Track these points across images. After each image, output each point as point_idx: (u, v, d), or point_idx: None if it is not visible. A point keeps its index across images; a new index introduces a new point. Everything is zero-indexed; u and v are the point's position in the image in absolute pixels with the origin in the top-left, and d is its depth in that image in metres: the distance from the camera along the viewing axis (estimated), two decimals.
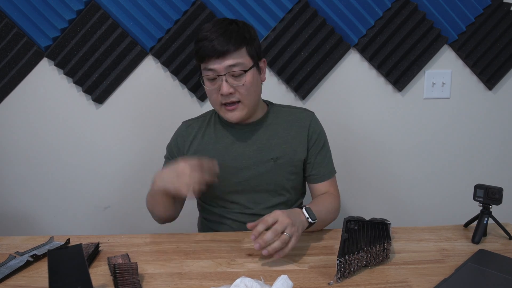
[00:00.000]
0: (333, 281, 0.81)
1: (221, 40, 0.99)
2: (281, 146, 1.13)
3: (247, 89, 1.03)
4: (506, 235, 1.01)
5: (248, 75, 1.03)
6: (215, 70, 1.01)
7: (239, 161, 1.13)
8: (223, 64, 1.00)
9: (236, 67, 1.01)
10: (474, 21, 1.57)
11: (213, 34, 1.00)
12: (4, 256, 0.92)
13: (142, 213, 1.67)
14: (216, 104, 1.07)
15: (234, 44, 1.00)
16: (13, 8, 1.47)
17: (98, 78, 1.54)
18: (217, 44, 0.99)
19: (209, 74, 1.02)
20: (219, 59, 1.00)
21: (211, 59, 1.00)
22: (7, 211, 1.67)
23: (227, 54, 0.99)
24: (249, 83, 1.03)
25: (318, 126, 1.17)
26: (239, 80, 1.02)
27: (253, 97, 1.07)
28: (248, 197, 1.15)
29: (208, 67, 1.02)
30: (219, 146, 1.14)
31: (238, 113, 1.06)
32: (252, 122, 1.14)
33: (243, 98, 1.04)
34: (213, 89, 1.04)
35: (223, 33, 1.00)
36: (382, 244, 0.86)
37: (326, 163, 1.17)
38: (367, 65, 1.60)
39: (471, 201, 1.04)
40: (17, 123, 1.59)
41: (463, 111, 1.66)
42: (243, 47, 1.02)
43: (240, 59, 1.01)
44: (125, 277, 0.79)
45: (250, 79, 1.04)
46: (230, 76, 1.02)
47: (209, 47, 0.99)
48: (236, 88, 1.03)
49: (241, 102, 1.05)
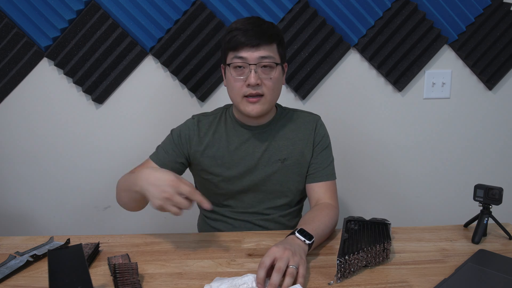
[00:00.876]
0: (333, 281, 0.81)
1: (256, 31, 1.01)
2: (288, 148, 1.13)
3: (273, 84, 1.04)
4: (506, 235, 1.01)
5: (276, 71, 1.05)
6: (246, 58, 1.01)
7: (247, 161, 1.13)
8: (255, 54, 1.01)
9: (267, 59, 1.02)
10: (474, 21, 1.57)
11: (248, 25, 1.02)
12: (4, 256, 0.92)
13: (142, 213, 1.67)
14: (238, 95, 1.05)
15: (269, 38, 1.02)
16: (13, 8, 1.47)
17: (98, 78, 1.54)
18: (252, 35, 1.00)
19: (238, 61, 1.02)
20: (252, 48, 1.01)
21: (244, 48, 1.01)
22: (7, 211, 1.67)
23: (261, 45, 1.01)
24: (276, 79, 1.05)
25: (323, 130, 1.18)
26: (268, 73, 1.03)
27: (275, 94, 1.08)
28: (253, 197, 1.16)
29: (239, 55, 1.02)
30: (229, 144, 1.13)
31: (260, 107, 1.05)
32: (263, 124, 1.14)
33: (268, 92, 1.05)
34: (239, 79, 1.04)
35: (259, 26, 1.02)
36: (382, 244, 0.86)
37: (326, 166, 1.15)
38: (367, 65, 1.60)
39: (471, 201, 1.04)
40: (17, 123, 1.59)
41: (463, 111, 1.66)
42: (275, 43, 1.04)
43: (272, 53, 1.03)
44: (125, 277, 0.79)
45: (277, 75, 1.05)
46: (260, 68, 1.02)
47: (245, 36, 1.00)
48: (263, 80, 1.03)
49: (264, 96, 1.05)
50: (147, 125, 1.62)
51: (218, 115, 1.18)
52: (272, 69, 1.04)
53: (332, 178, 1.16)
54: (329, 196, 1.13)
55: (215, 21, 1.52)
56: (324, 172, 1.14)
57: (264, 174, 1.13)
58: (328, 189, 1.14)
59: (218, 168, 1.14)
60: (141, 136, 1.62)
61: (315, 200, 1.13)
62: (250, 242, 1.00)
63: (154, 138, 1.62)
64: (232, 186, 1.15)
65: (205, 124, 1.16)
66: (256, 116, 1.08)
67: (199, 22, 1.51)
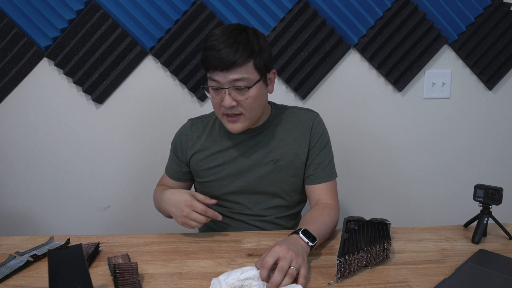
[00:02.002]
0: (333, 281, 0.81)
1: (228, 51, 0.96)
2: (282, 148, 1.12)
3: (250, 104, 1.01)
4: (506, 235, 1.01)
5: (253, 90, 1.00)
6: (219, 82, 0.99)
7: (240, 163, 1.12)
8: (227, 78, 0.97)
9: (240, 82, 0.98)
10: (474, 21, 1.57)
11: (221, 44, 0.96)
12: (4, 256, 0.92)
13: (142, 213, 1.68)
14: (219, 114, 1.06)
15: (241, 57, 0.96)
16: (13, 8, 1.47)
17: (98, 78, 1.54)
18: (223, 56, 0.95)
19: (213, 84, 1.01)
20: (223, 71, 0.97)
21: (216, 70, 0.98)
22: (7, 211, 1.67)
23: (232, 67, 0.96)
24: (253, 98, 1.01)
25: (321, 128, 1.14)
26: (243, 94, 1.00)
27: (256, 110, 1.05)
28: (248, 198, 1.15)
29: (213, 77, 1.00)
30: (222, 147, 1.13)
31: (240, 125, 1.04)
32: (255, 127, 1.12)
33: (246, 111, 1.02)
34: (217, 99, 1.03)
35: (231, 44, 0.96)
36: (382, 244, 0.86)
37: (325, 166, 1.13)
38: (367, 65, 1.60)
39: (471, 201, 1.04)
40: (17, 123, 1.59)
41: (463, 111, 1.66)
42: (250, 60, 0.98)
43: (246, 74, 0.98)
44: (125, 277, 0.79)
45: (254, 94, 1.01)
46: (234, 90, 0.99)
47: (215, 58, 0.96)
48: (239, 101, 1.01)
49: (243, 114, 1.03)
50: (147, 125, 1.62)
51: (212, 118, 1.18)
52: (247, 89, 0.99)
53: (333, 177, 1.14)
54: (329, 197, 1.12)
55: (215, 21, 1.52)
56: (324, 172, 1.12)
57: (257, 175, 1.12)
58: (328, 189, 1.12)
59: (211, 170, 1.14)
60: (141, 136, 1.62)
61: (315, 201, 1.12)
62: (250, 242, 1.00)
63: (154, 138, 1.62)
64: (226, 188, 1.14)
65: (199, 128, 1.17)
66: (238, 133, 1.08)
67: (199, 22, 1.51)
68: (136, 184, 1.65)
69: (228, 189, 1.14)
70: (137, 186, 1.65)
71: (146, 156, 1.63)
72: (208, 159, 1.14)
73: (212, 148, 1.14)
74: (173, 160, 1.21)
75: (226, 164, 1.13)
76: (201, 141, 1.16)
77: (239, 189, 1.14)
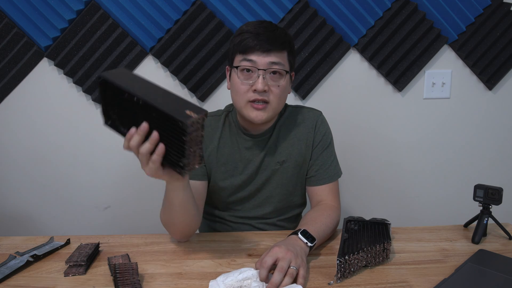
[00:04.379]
0: (333, 281, 0.81)
1: (269, 36, 0.97)
2: (287, 149, 1.11)
3: (280, 92, 1.00)
4: (506, 235, 1.01)
5: (285, 80, 1.01)
6: (255, 62, 0.97)
7: (249, 169, 1.10)
8: (266, 59, 0.97)
9: (278, 66, 0.98)
10: (474, 21, 1.57)
11: (260, 29, 0.98)
12: (4, 256, 0.92)
13: (142, 213, 1.68)
14: (243, 100, 1.01)
15: (280, 44, 0.98)
16: (13, 8, 1.47)
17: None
18: (264, 39, 0.96)
19: (247, 65, 0.98)
20: (263, 53, 0.97)
21: (254, 52, 0.97)
22: (7, 211, 1.67)
23: (272, 51, 0.97)
24: (283, 87, 1.01)
25: (324, 127, 1.13)
26: (276, 80, 0.99)
27: (281, 103, 1.03)
28: (253, 201, 1.14)
29: (248, 58, 0.98)
30: (234, 151, 1.10)
31: (264, 114, 1.01)
32: (265, 130, 1.10)
33: (274, 99, 1.00)
34: (246, 83, 0.99)
35: (271, 31, 0.98)
36: (382, 244, 0.86)
37: (327, 167, 1.11)
38: (367, 65, 1.60)
39: (471, 201, 1.04)
40: (17, 123, 1.59)
41: (463, 111, 1.66)
42: (285, 50, 1.00)
43: (282, 60, 0.99)
44: (125, 277, 0.79)
45: (285, 84, 1.01)
46: (268, 74, 0.98)
47: (256, 40, 0.96)
48: (271, 87, 0.99)
49: (270, 103, 1.00)
50: None
51: (221, 118, 1.13)
52: (281, 77, 1.00)
53: (335, 178, 1.12)
54: (331, 198, 1.10)
55: (215, 21, 1.52)
56: (326, 173, 1.11)
57: (264, 179, 1.11)
58: (330, 191, 1.11)
59: (222, 174, 1.11)
60: None
61: (316, 202, 1.11)
62: (250, 242, 1.00)
63: None
64: (233, 196, 1.13)
65: (207, 126, 1.11)
66: (260, 123, 1.04)
67: (199, 22, 1.51)
68: (136, 184, 1.65)
69: (236, 197, 1.13)
70: (137, 186, 1.65)
71: None
72: (219, 163, 1.11)
73: (223, 151, 1.10)
74: None
75: (237, 171, 1.11)
76: (214, 142, 1.11)
77: (247, 195, 1.13)
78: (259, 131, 1.10)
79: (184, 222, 0.96)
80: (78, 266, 0.86)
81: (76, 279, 0.83)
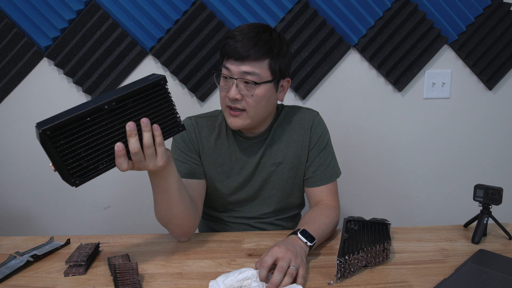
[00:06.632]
0: (333, 281, 0.81)
1: (245, 43, 0.95)
2: (283, 151, 1.10)
3: (255, 101, 0.99)
4: (506, 235, 1.01)
5: (260, 89, 0.98)
6: (230, 71, 0.97)
7: (246, 170, 1.10)
8: (239, 68, 0.96)
9: (250, 76, 0.96)
10: (474, 21, 1.57)
11: (241, 35, 0.97)
12: (4, 256, 0.92)
13: (142, 213, 1.68)
14: (223, 104, 1.03)
15: (257, 52, 0.96)
16: (13, 8, 1.47)
17: (98, 78, 1.54)
18: (240, 47, 0.95)
19: (225, 72, 0.99)
20: (237, 61, 0.96)
21: (230, 59, 0.97)
22: (7, 211, 1.67)
23: (246, 60, 0.95)
24: (258, 97, 0.98)
25: (321, 127, 1.12)
26: (250, 90, 0.98)
27: (260, 111, 1.01)
28: (251, 202, 1.14)
29: (226, 65, 0.99)
30: (231, 153, 1.10)
31: (240, 122, 1.01)
32: (261, 132, 1.10)
33: (249, 108, 0.99)
34: (224, 90, 1.00)
35: (251, 38, 0.96)
36: (382, 244, 0.86)
37: (325, 167, 1.10)
38: (367, 65, 1.60)
39: (471, 201, 1.04)
40: (17, 123, 1.59)
41: (463, 111, 1.66)
42: (265, 58, 0.97)
43: (258, 70, 0.96)
44: (125, 277, 0.79)
45: (261, 93, 0.98)
46: (242, 82, 0.97)
47: (232, 47, 0.96)
48: (244, 96, 0.98)
49: (246, 111, 1.00)
50: None
51: (218, 118, 1.13)
52: (254, 86, 0.97)
53: (333, 179, 1.11)
54: (330, 198, 1.10)
55: (215, 21, 1.52)
56: (324, 174, 1.10)
57: (261, 180, 1.11)
58: (328, 191, 1.10)
59: (218, 175, 1.11)
60: None
61: (315, 203, 1.11)
62: (250, 242, 1.00)
63: None
64: (231, 198, 1.13)
65: (204, 127, 1.11)
66: (238, 129, 1.05)
67: (199, 22, 1.51)
68: (136, 184, 1.65)
69: (234, 198, 1.13)
70: (137, 186, 1.65)
71: None
72: (216, 164, 1.10)
73: (220, 152, 1.10)
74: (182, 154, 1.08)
75: (234, 172, 1.11)
76: (210, 142, 1.11)
77: (244, 196, 1.13)
78: (253, 133, 1.09)
79: (184, 213, 0.95)
80: (78, 266, 0.86)
81: (76, 279, 0.83)
